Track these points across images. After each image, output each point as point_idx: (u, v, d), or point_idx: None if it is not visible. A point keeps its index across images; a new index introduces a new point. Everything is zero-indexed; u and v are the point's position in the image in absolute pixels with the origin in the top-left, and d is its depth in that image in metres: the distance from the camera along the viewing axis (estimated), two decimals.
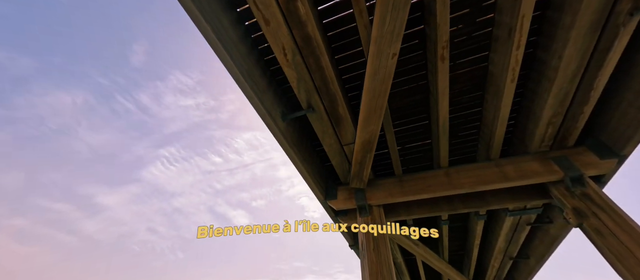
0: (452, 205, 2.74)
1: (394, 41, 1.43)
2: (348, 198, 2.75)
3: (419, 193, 2.55)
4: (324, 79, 1.89)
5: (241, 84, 1.74)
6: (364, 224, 2.52)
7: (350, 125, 2.22)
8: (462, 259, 5.15)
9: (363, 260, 2.32)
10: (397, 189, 2.62)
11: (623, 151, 2.02)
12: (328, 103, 2.07)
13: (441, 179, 2.52)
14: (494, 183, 2.34)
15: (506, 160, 2.38)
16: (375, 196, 2.64)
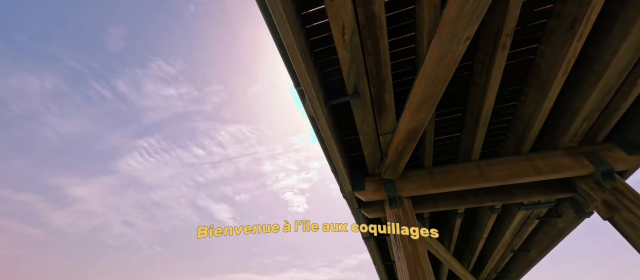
0: (479, 198, 2.78)
1: (472, 23, 1.37)
2: (377, 189, 2.71)
3: (450, 185, 2.55)
4: (378, 63, 1.82)
5: (297, 63, 1.62)
6: (395, 215, 2.50)
7: (392, 114, 2.16)
8: (464, 251, 5.32)
9: (398, 251, 2.30)
10: (427, 181, 2.61)
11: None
12: (375, 89, 1.99)
13: (472, 172, 2.53)
14: (526, 177, 2.38)
15: (537, 155, 2.43)
16: (406, 188, 2.61)
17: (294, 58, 1.60)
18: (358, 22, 1.59)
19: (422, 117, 1.94)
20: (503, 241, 4.22)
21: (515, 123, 2.42)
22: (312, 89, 1.77)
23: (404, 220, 2.46)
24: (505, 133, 2.63)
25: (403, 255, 2.23)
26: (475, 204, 2.80)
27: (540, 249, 4.21)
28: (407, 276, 2.09)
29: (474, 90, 2.16)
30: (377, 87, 1.97)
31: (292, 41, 1.51)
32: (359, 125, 2.27)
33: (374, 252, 4.58)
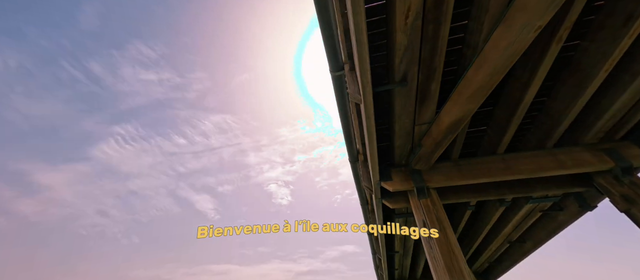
0: (499, 190, 2.87)
1: (549, 12, 1.36)
2: (404, 180, 2.72)
3: (477, 177, 2.61)
4: (433, 50, 1.78)
5: (361, 45, 1.55)
6: (424, 206, 2.53)
7: (434, 104, 2.15)
8: (463, 242, 5.56)
9: (430, 241, 2.33)
10: (455, 172, 2.65)
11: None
12: (424, 77, 1.96)
13: (498, 165, 2.60)
14: (550, 171, 2.48)
15: (560, 150, 2.53)
16: (433, 179, 2.64)
17: (360, 39, 1.52)
18: (425, 5, 1.54)
19: (470, 108, 1.94)
20: (503, 233, 4.43)
21: (542, 118, 2.50)
22: (368, 74, 1.71)
23: (433, 210, 2.49)
24: (528, 128, 2.71)
25: (436, 244, 2.26)
26: (495, 196, 2.90)
27: (537, 241, 4.47)
28: (443, 264, 2.12)
29: (513, 84, 2.19)
30: (426, 75, 1.94)
31: (362, 19, 1.43)
32: (397, 115, 2.24)
33: (381, 244, 4.66)
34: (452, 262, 2.12)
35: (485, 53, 1.63)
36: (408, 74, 1.90)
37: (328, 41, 2.10)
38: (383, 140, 2.79)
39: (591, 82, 1.96)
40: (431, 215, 2.44)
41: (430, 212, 2.46)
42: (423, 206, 2.53)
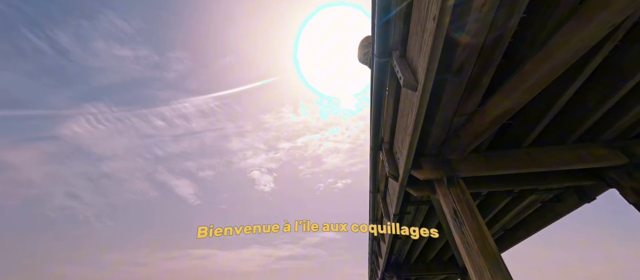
0: (518, 182, 3.04)
1: (628, 10, 1.41)
2: (434, 169, 2.79)
3: (503, 169, 2.74)
4: (497, 41, 1.79)
5: (440, 29, 1.51)
6: (453, 194, 2.62)
7: (480, 95, 2.20)
8: None
9: (462, 226, 2.43)
10: (483, 163, 2.76)
11: None
12: (478, 68, 1.98)
13: (524, 157, 2.74)
14: (570, 164, 2.66)
15: (580, 145, 2.71)
16: (463, 169, 2.74)
17: (440, 25, 1.49)
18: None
19: (521, 102, 2.00)
20: (502, 221, 4.75)
21: (569, 115, 2.63)
22: (436, 62, 1.69)
23: (463, 198, 2.59)
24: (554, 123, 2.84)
25: (468, 230, 2.37)
26: (514, 187, 3.07)
27: (530, 229, 4.84)
28: (476, 248, 2.24)
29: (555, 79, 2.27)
30: (481, 66, 1.96)
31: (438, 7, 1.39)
32: (442, 105, 2.26)
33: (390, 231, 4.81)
34: (485, 246, 2.24)
35: (550, 48, 1.67)
36: (466, 64, 1.91)
37: (383, 26, 2.05)
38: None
39: (625, 84, 2.08)
40: (462, 203, 2.54)
41: (461, 200, 2.56)
42: (453, 194, 2.63)
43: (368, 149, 3.74)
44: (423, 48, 1.72)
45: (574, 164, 2.63)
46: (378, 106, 2.84)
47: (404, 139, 2.56)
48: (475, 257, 2.24)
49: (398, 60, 2.15)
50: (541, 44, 1.76)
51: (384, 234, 5.47)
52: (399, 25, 2.13)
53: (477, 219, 2.43)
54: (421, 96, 1.97)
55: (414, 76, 1.96)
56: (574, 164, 2.63)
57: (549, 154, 2.70)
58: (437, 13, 1.45)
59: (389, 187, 4.10)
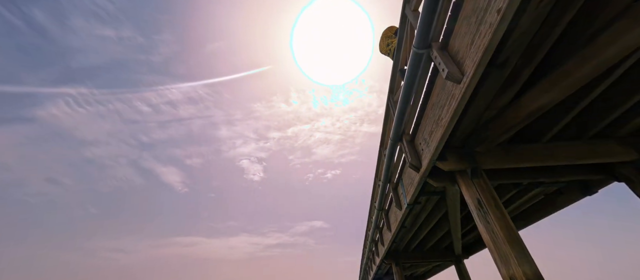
0: (532, 175, 3.18)
1: None
2: (458, 160, 2.87)
3: (523, 162, 2.85)
4: (546, 37, 1.83)
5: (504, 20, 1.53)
6: (477, 185, 2.72)
7: (516, 90, 2.25)
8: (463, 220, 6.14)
9: (486, 215, 2.54)
10: (504, 156, 2.86)
11: None
12: (521, 63, 2.02)
13: (542, 151, 2.86)
14: (585, 159, 2.80)
15: (594, 141, 2.85)
16: (486, 161, 2.83)
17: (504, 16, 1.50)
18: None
19: (558, 97, 2.07)
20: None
21: (588, 110, 2.75)
22: (490, 54, 1.71)
23: (486, 189, 2.69)
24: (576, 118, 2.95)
25: (493, 219, 2.48)
26: (529, 180, 3.21)
27: (529, 220, 5.11)
28: (502, 236, 2.36)
29: None
30: (524, 61, 2.00)
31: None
32: (478, 97, 2.30)
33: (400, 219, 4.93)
34: (510, 234, 2.36)
35: (598, 45, 1.73)
36: (511, 58, 1.94)
37: (428, 16, 2.04)
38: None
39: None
40: (486, 193, 2.64)
41: (485, 191, 2.66)
42: (477, 185, 2.73)
43: (359, 141, 3.81)
44: (476, 41, 1.73)
45: (589, 159, 2.78)
46: (407, 97, 2.85)
47: (435, 131, 2.61)
48: (501, 245, 2.36)
49: (439, 52, 2.16)
50: (587, 40, 1.81)
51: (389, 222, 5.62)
52: (442, 18, 2.13)
53: (501, 209, 2.54)
54: (466, 89, 2.00)
55: (459, 69, 1.98)
56: (589, 159, 2.78)
57: (565, 148, 2.84)
58: (504, 6, 1.45)
59: (403, 178, 4.19)
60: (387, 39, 3.97)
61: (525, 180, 3.27)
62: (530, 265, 2.21)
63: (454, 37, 2.06)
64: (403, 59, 3.36)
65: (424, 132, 2.98)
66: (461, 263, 7.73)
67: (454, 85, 2.10)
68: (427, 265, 9.83)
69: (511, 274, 2.24)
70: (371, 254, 9.77)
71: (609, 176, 3.07)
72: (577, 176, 3.20)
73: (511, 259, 2.26)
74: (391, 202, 5.47)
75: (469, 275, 7.48)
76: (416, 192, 3.61)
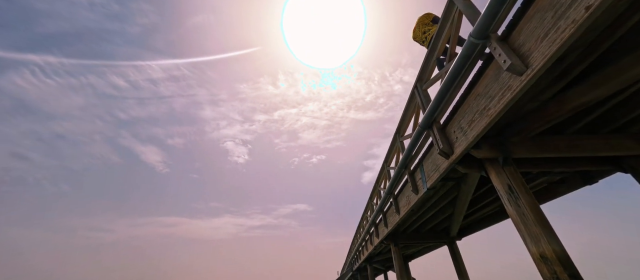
0: (549, 165, 3.45)
1: None
2: (490, 149, 3.04)
3: (548, 152, 3.08)
4: (610, 35, 1.95)
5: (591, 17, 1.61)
6: (508, 172, 2.93)
7: (562, 84, 2.40)
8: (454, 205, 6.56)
9: (517, 200, 2.76)
10: (533, 146, 3.06)
11: None
12: (577, 58, 2.15)
13: (566, 143, 3.10)
14: (601, 152, 3.08)
15: (612, 136, 3.13)
16: (517, 150, 3.03)
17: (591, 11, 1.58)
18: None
19: (605, 93, 2.23)
20: None
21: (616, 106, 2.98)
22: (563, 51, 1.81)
23: (517, 176, 2.91)
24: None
25: (524, 203, 2.71)
26: (547, 169, 3.49)
27: None
28: (532, 217, 2.59)
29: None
30: (581, 57, 2.12)
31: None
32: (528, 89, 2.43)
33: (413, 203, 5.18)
34: (540, 216, 2.60)
35: None
36: (570, 54, 2.06)
37: (495, 6, 2.08)
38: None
39: None
40: (516, 180, 2.85)
41: (515, 178, 2.87)
42: (507, 172, 2.93)
43: (345, 127, 3.97)
44: (551, 35, 1.82)
45: (605, 152, 3.06)
46: (448, 86, 2.95)
47: (477, 121, 2.73)
48: (531, 226, 2.60)
49: (499, 43, 2.23)
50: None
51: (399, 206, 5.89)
52: (507, 9, 2.18)
53: (531, 194, 2.77)
54: (527, 82, 2.11)
55: (522, 61, 2.07)
56: (605, 152, 3.06)
57: (585, 141, 3.09)
58: (595, 4, 1.53)
59: (424, 164, 4.37)
60: (423, 26, 3.96)
61: (548, 169, 3.55)
62: (558, 244, 2.47)
63: (518, 29, 2.13)
64: (441, 47, 3.41)
65: (461, 121, 3.11)
66: (454, 244, 8.34)
67: (512, 77, 2.20)
68: (420, 246, 10.49)
69: (541, 252, 2.49)
70: (368, 235, 10.24)
71: (614, 167, 3.41)
72: (590, 166, 3.52)
73: (542, 239, 2.51)
74: (402, 187, 5.70)
75: (460, 255, 8.11)
76: (441, 177, 3.80)
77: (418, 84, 4.06)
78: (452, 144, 3.30)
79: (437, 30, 3.39)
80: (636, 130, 3.12)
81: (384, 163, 6.69)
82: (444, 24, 3.26)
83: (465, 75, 2.82)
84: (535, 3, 1.97)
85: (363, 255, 12.55)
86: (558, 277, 2.33)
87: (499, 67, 2.37)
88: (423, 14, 4.04)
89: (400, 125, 5.18)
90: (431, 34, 3.89)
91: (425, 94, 3.92)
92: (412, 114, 4.66)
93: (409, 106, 4.66)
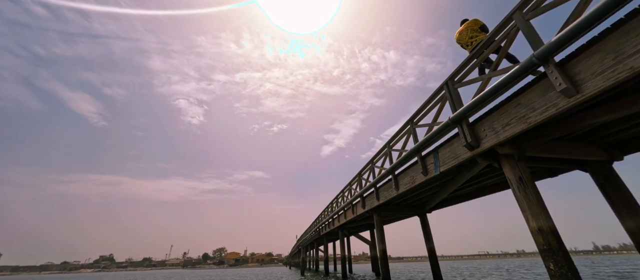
0: (543, 162, 4.43)
1: None
2: (511, 147, 3.78)
3: (549, 153, 3.97)
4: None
5: None
6: (520, 167, 3.74)
7: (589, 105, 3.12)
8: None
9: (526, 189, 3.59)
10: (540, 147, 3.91)
11: None
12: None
13: (562, 147, 4.02)
14: (581, 156, 4.10)
15: (587, 144, 4.15)
16: (529, 149, 3.83)
17: None
18: None
19: (614, 116, 3.00)
20: (476, 186, 6.60)
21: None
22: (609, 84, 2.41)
23: (526, 170, 3.73)
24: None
25: (531, 191, 3.56)
26: (538, 165, 4.46)
27: (484, 192, 6.93)
28: (535, 201, 3.45)
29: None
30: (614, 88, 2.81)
31: None
32: None
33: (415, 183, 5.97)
34: (540, 201, 3.48)
35: None
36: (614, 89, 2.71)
37: (568, 38, 2.57)
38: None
39: None
40: (526, 173, 3.67)
41: (525, 171, 3.69)
42: (520, 167, 3.74)
43: (309, 99, 4.66)
44: (607, 73, 2.40)
45: (583, 156, 4.09)
46: (494, 93, 3.49)
47: (514, 124, 3.37)
48: (534, 208, 3.47)
49: (557, 68, 2.77)
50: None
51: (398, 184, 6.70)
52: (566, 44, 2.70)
53: (534, 184, 3.63)
54: (573, 104, 2.72)
55: (574, 87, 2.66)
56: (583, 156, 4.09)
57: (573, 147, 4.06)
58: None
59: (440, 151, 5.05)
60: (472, 32, 4.34)
61: (538, 165, 4.53)
62: (551, 221, 3.38)
63: (577, 61, 2.68)
64: (486, 56, 3.90)
65: (493, 122, 3.73)
66: (425, 216, 9.86)
67: (560, 97, 2.80)
68: (394, 216, 12.04)
69: (539, 226, 3.38)
70: (350, 206, 11.27)
71: (578, 167, 4.57)
72: (566, 165, 4.63)
73: (541, 217, 3.39)
74: (407, 168, 6.45)
75: (429, 225, 9.68)
76: (458, 164, 4.54)
77: (449, 82, 4.55)
78: (480, 140, 3.97)
79: (486, 39, 3.83)
80: (606, 140, 4.21)
81: (387, 144, 7.35)
82: (493, 36, 3.71)
83: (510, 85, 3.38)
84: (598, 45, 2.51)
85: (338, 222, 13.82)
86: (550, 243, 3.24)
87: (548, 86, 2.94)
88: (472, 19, 4.40)
89: (416, 114, 5.75)
90: (478, 41, 4.32)
91: (455, 93, 4.47)
92: (433, 107, 5.23)
93: (431, 99, 5.19)
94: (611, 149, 4.28)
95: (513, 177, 3.76)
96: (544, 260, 3.23)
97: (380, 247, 8.88)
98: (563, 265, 3.05)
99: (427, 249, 9.36)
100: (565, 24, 2.68)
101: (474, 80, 4.07)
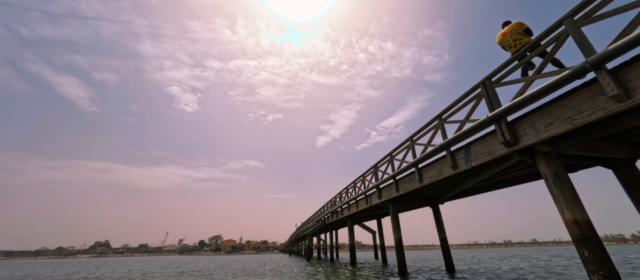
0: (580, 160, 4.76)
1: None
2: (551, 146, 4.08)
3: (581, 151, 4.29)
4: None
5: None
6: (556, 164, 4.06)
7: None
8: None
9: (562, 183, 3.91)
10: (572, 146, 4.21)
11: None
12: None
13: (588, 145, 4.34)
14: (604, 153, 4.43)
15: (608, 142, 4.48)
16: (564, 148, 4.13)
17: None
18: None
19: None
20: (498, 178, 6.98)
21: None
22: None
23: (561, 166, 4.04)
24: None
25: (566, 184, 3.88)
26: (575, 162, 4.80)
27: (506, 185, 7.32)
28: (571, 195, 3.78)
29: None
30: None
31: None
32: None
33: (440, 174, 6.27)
34: (575, 194, 3.81)
35: None
36: None
37: (625, 48, 2.81)
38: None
39: None
40: (561, 169, 3.98)
41: (561, 167, 4.00)
42: (556, 164, 4.04)
43: (305, 88, 5.09)
44: None
45: (610, 154, 4.42)
46: (537, 95, 3.73)
47: (557, 125, 3.64)
48: (570, 201, 3.80)
49: (609, 75, 3.02)
50: None
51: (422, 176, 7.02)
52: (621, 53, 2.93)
53: (568, 178, 3.96)
54: (623, 109, 2.99)
55: (625, 93, 2.92)
56: (610, 154, 4.42)
57: (603, 145, 4.38)
58: None
59: (473, 146, 5.33)
60: (516, 34, 4.52)
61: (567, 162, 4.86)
62: (585, 213, 3.72)
63: (630, 69, 2.93)
64: (529, 58, 4.12)
65: (535, 121, 4.00)
66: (437, 207, 10.29)
67: (610, 102, 3.06)
68: (406, 207, 12.50)
69: (575, 218, 3.72)
70: (364, 196, 11.63)
71: (596, 163, 4.92)
72: (591, 162, 4.97)
73: (576, 209, 3.73)
74: (433, 162, 6.74)
75: (441, 215, 10.12)
76: (492, 160, 4.83)
77: (487, 81, 4.78)
78: (518, 138, 4.24)
79: (532, 42, 4.05)
80: (631, 141, 4.54)
81: (410, 138, 7.62)
82: (540, 40, 3.92)
83: (557, 88, 3.63)
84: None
85: (348, 212, 14.26)
86: (585, 233, 3.59)
87: (598, 91, 3.19)
88: (516, 22, 4.58)
89: (446, 110, 5.99)
90: (523, 44, 4.52)
91: (493, 92, 4.70)
92: (466, 105, 5.47)
93: (465, 97, 5.43)
94: (635, 148, 4.62)
95: (549, 172, 4.07)
96: (578, 248, 3.58)
97: (395, 236, 9.32)
98: (597, 252, 3.41)
99: (439, 238, 9.84)
100: (621, 35, 2.91)
101: (515, 80, 4.31)
